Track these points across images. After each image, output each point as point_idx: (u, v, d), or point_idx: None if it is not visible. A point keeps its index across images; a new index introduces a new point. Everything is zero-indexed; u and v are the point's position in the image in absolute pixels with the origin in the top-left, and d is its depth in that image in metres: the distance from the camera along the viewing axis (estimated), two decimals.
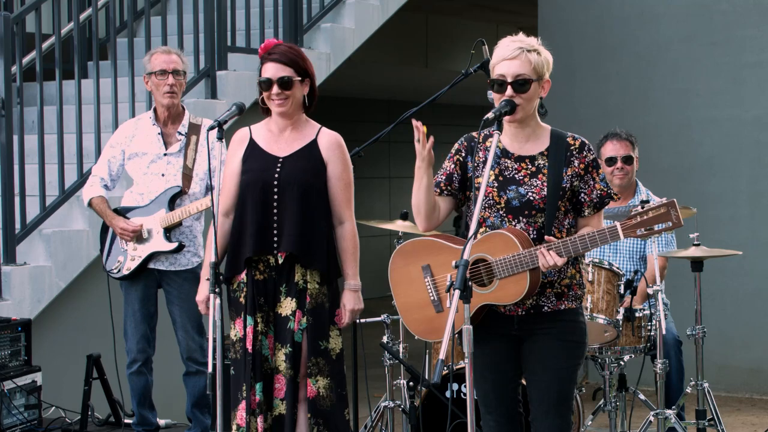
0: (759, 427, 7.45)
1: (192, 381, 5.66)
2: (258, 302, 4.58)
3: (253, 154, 4.65)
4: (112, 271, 5.64)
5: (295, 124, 4.66)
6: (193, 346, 5.61)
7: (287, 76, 4.54)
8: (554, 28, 9.30)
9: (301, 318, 4.56)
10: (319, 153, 4.62)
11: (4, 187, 6.43)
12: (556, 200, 3.90)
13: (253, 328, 4.56)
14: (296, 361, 4.56)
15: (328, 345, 4.60)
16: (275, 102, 4.57)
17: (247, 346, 4.55)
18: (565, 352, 3.96)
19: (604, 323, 5.30)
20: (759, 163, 8.62)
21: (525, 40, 3.93)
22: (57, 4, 7.01)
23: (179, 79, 5.61)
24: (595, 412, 5.76)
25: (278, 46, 4.64)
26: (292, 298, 4.57)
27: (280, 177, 4.57)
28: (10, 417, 5.68)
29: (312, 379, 4.56)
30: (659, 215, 3.75)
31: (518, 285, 3.85)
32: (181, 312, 5.59)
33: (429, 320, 4.08)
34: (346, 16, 8.54)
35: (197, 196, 5.58)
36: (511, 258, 3.83)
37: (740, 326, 8.59)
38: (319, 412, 4.56)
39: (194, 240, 5.64)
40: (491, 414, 4.07)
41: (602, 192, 3.98)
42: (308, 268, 4.57)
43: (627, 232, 3.78)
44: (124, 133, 5.72)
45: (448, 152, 4.13)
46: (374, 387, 5.37)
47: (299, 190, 4.55)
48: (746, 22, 8.68)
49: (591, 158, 3.97)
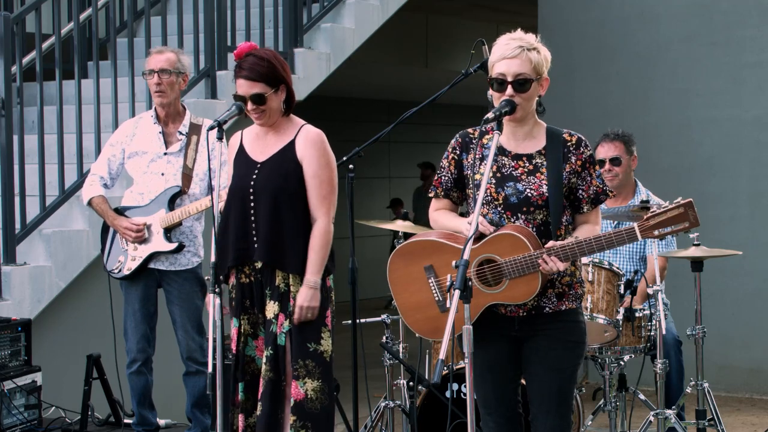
0: (759, 427, 7.45)
1: (192, 381, 5.66)
2: (244, 305, 4.60)
3: (239, 160, 4.68)
4: (113, 271, 5.64)
5: (276, 127, 4.65)
6: (193, 346, 5.61)
7: (259, 92, 4.52)
8: (554, 28, 9.30)
9: (284, 321, 4.55)
10: (294, 154, 4.59)
11: (4, 187, 6.43)
12: (560, 197, 3.90)
13: (237, 330, 4.60)
14: (278, 364, 4.56)
15: (319, 347, 4.58)
16: (254, 116, 4.59)
17: (233, 347, 4.61)
18: (565, 353, 3.95)
19: (604, 323, 5.30)
20: (759, 163, 8.62)
21: (524, 38, 3.91)
22: (57, 4, 7.01)
23: (165, 77, 5.58)
24: (595, 412, 5.76)
25: (247, 58, 4.55)
26: (275, 302, 4.57)
27: (255, 183, 4.58)
28: (10, 417, 5.68)
29: (299, 381, 4.53)
30: (677, 215, 3.74)
31: (530, 285, 3.85)
32: (181, 312, 5.60)
33: (433, 319, 4.08)
34: (346, 16, 8.54)
35: (197, 196, 5.58)
36: (522, 259, 3.83)
37: (740, 326, 8.59)
38: (306, 414, 4.53)
39: (194, 240, 5.64)
40: (491, 415, 4.06)
41: (598, 188, 3.97)
42: (286, 272, 4.57)
43: (645, 233, 3.77)
44: (125, 131, 5.73)
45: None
46: (374, 387, 5.37)
47: (271, 196, 4.54)
48: (746, 22, 8.68)
49: (588, 154, 3.97)
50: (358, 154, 5.00)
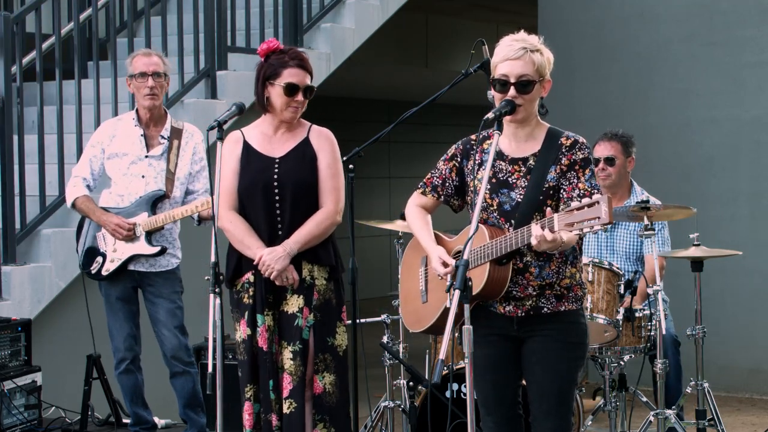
0: (759, 427, 7.44)
1: (180, 382, 5.64)
2: (267, 300, 4.64)
3: (249, 157, 4.68)
4: (90, 271, 5.62)
5: (289, 125, 4.72)
6: (178, 345, 5.59)
7: (311, 85, 4.66)
8: (554, 28, 9.29)
9: (308, 315, 4.61)
10: (312, 149, 4.70)
11: (4, 187, 6.43)
12: (534, 202, 3.85)
13: (266, 326, 4.61)
14: (305, 359, 4.59)
15: (335, 341, 4.67)
16: (292, 108, 4.63)
17: (262, 344, 4.60)
18: (565, 353, 3.95)
19: (604, 323, 5.30)
20: (759, 163, 8.62)
21: (528, 40, 3.90)
22: (57, 4, 7.01)
23: (159, 81, 5.58)
24: (595, 412, 5.76)
25: (293, 50, 4.69)
26: (300, 295, 4.60)
27: (279, 177, 4.62)
28: (10, 417, 5.69)
29: (318, 375, 4.62)
30: (591, 210, 3.53)
31: (480, 276, 3.81)
32: (164, 311, 5.58)
33: (416, 310, 4.12)
34: (346, 16, 8.54)
35: (177, 200, 5.57)
36: (478, 249, 3.82)
37: (740, 326, 8.58)
38: (324, 408, 4.61)
39: (173, 242, 5.64)
40: (491, 415, 4.06)
41: (584, 192, 3.84)
42: (315, 264, 4.61)
43: (561, 224, 3.58)
44: (105, 132, 5.70)
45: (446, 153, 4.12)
46: (374, 387, 5.36)
47: (299, 188, 4.63)
48: (746, 22, 8.68)
49: (580, 156, 3.89)
50: (358, 154, 4.99)
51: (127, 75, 5.66)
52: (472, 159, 4.00)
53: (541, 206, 3.85)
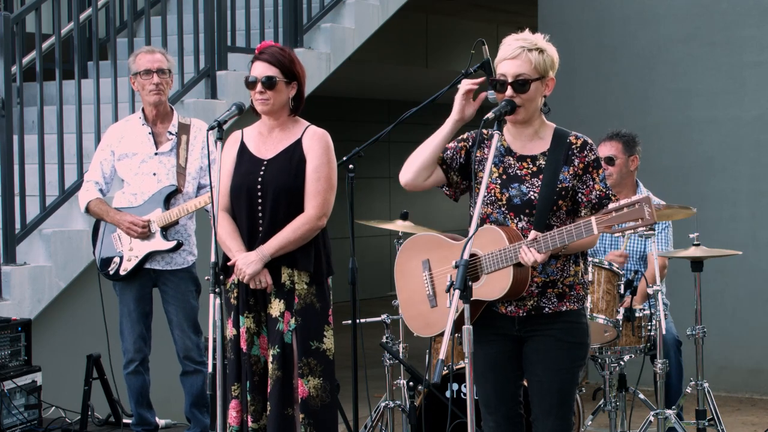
0: (759, 427, 7.45)
1: (189, 381, 5.66)
2: (249, 303, 4.61)
3: (242, 157, 4.68)
4: (108, 272, 5.63)
5: (282, 126, 4.68)
6: (190, 345, 5.61)
7: (272, 76, 4.55)
8: (554, 28, 9.28)
9: (290, 319, 4.57)
10: (302, 152, 4.62)
11: (4, 187, 6.43)
12: (549, 201, 3.87)
13: (245, 328, 4.60)
14: (286, 362, 4.57)
15: (322, 345, 4.60)
16: (258, 101, 4.58)
17: (242, 345, 4.60)
18: (566, 353, 3.94)
19: (604, 323, 5.30)
20: (759, 163, 8.62)
21: (528, 38, 3.89)
22: (57, 4, 7.01)
23: (164, 77, 5.60)
24: (595, 412, 5.76)
25: (271, 47, 4.64)
26: (280, 300, 4.58)
27: (263, 180, 4.60)
28: (10, 417, 5.68)
29: (303, 379, 4.57)
30: (633, 211, 3.60)
31: (503, 280, 3.82)
32: (178, 311, 5.59)
33: (424, 315, 4.09)
34: (346, 16, 8.54)
35: (190, 194, 5.58)
36: (497, 253, 3.82)
37: (740, 326, 8.59)
38: (310, 412, 4.57)
39: (189, 239, 5.65)
40: (492, 415, 4.06)
41: (601, 193, 3.90)
42: (294, 269, 4.58)
43: (601, 226, 3.65)
44: (113, 134, 5.71)
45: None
46: (374, 387, 5.37)
47: (280, 193, 4.57)
48: (746, 22, 8.68)
49: (592, 158, 3.93)
50: (358, 154, 5.00)
51: (130, 73, 5.67)
52: (480, 150, 3.99)
53: (554, 206, 3.87)
